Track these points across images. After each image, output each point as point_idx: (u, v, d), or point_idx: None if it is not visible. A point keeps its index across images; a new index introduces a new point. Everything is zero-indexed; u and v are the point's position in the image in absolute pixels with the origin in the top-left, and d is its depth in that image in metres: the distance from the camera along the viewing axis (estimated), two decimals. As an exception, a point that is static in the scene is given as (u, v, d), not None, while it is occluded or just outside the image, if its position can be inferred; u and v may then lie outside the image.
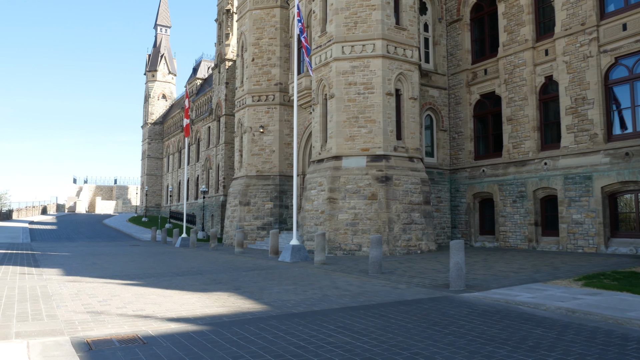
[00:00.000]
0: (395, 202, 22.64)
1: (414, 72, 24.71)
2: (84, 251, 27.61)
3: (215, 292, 11.93)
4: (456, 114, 28.58)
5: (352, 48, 23.89)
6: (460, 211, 27.56)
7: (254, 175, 32.64)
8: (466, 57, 28.39)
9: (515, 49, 25.21)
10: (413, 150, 24.26)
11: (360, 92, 23.53)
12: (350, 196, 22.69)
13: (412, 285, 12.85)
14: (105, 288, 12.67)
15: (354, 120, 23.47)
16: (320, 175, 23.96)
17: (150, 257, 23.46)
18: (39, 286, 12.95)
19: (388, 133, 23.40)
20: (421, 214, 23.28)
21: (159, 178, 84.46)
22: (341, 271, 16.31)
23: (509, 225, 24.59)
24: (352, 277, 14.79)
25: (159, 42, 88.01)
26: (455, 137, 28.53)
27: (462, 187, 27.61)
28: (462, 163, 28.02)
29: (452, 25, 29.31)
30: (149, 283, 13.68)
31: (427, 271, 15.91)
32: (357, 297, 11.11)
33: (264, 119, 32.77)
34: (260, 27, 33.49)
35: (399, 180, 22.99)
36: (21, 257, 23.16)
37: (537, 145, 24.07)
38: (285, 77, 33.05)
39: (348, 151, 23.41)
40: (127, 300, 10.73)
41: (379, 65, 23.53)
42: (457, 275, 12.40)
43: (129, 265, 19.40)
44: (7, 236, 41.76)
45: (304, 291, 12.03)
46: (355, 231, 22.30)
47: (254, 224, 31.83)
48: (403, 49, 24.38)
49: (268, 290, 12.18)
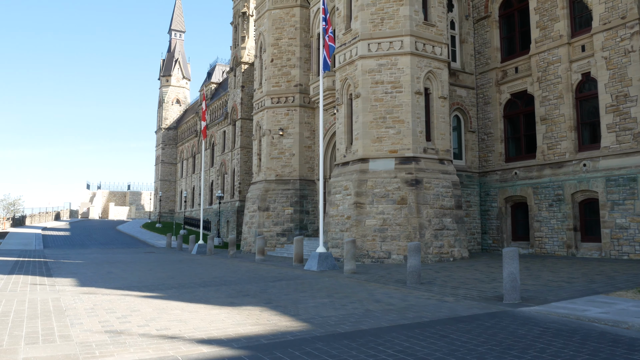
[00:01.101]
0: (426, 206, 21.41)
1: (444, 70, 23.50)
2: (98, 259, 26.61)
3: (245, 307, 10.78)
4: (485, 114, 27.31)
5: (378, 45, 22.75)
6: (491, 216, 26.23)
7: (273, 179, 31.53)
8: (495, 55, 27.13)
9: (549, 45, 23.94)
10: (443, 152, 23.03)
11: (387, 91, 22.36)
12: (378, 200, 21.49)
13: (459, 298, 11.63)
14: (124, 301, 11.57)
15: (381, 121, 22.29)
16: (345, 179, 22.80)
17: (168, 265, 22.38)
18: (51, 299, 11.87)
19: (417, 134, 22.20)
20: (453, 219, 22.03)
21: (173, 184, 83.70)
22: (375, 281, 15.11)
23: (545, 231, 23.25)
24: (390, 288, 13.58)
25: (173, 47, 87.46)
26: (485, 139, 27.25)
27: (493, 191, 26.30)
28: (492, 165, 26.73)
29: (479, 22, 28.08)
30: (170, 295, 12.56)
31: (469, 281, 14.68)
32: (404, 313, 9.91)
33: (283, 121, 31.67)
34: (280, 27, 32.46)
35: (430, 184, 21.77)
36: (33, 265, 22.19)
37: (574, 146, 22.75)
38: (306, 78, 31.95)
39: (375, 153, 22.23)
40: (148, 317, 9.61)
41: (407, 63, 22.36)
42: (511, 287, 11.17)
43: (146, 274, 18.33)
44: (20, 243, 40.97)
45: (343, 305, 10.85)
46: (383, 238, 21.09)
47: (274, 230, 30.69)
48: (432, 46, 23.20)
49: (303, 304, 11.01)
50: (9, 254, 29.38)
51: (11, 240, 43.62)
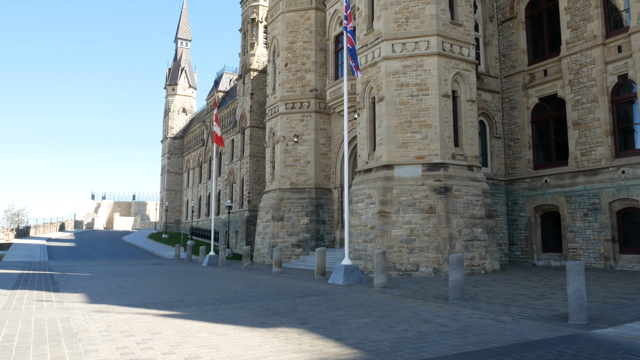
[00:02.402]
0: (456, 215, 20.13)
1: (471, 72, 22.31)
2: (106, 271, 25.37)
3: (279, 328, 9.52)
4: (511, 120, 26.07)
5: (403, 46, 21.58)
6: (519, 226, 24.91)
7: (287, 188, 30.29)
8: (522, 58, 25.93)
9: (582, 46, 22.73)
10: (472, 158, 21.78)
11: (413, 94, 21.16)
12: (405, 209, 20.23)
13: (516, 317, 10.35)
14: (141, 321, 10.31)
15: (406, 125, 21.07)
16: (368, 187, 21.55)
17: (181, 278, 21.12)
18: (60, 319, 10.63)
19: (445, 139, 20.96)
20: (484, 229, 20.73)
21: (179, 193, 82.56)
22: (412, 297, 13.83)
23: (579, 242, 21.91)
24: (432, 305, 12.29)
25: (179, 56, 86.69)
26: (511, 145, 25.98)
27: (521, 200, 24.99)
28: (519, 173, 25.44)
29: (504, 24, 26.91)
30: (192, 314, 11.30)
31: (516, 297, 13.38)
32: (464, 336, 8.63)
33: (298, 127, 30.49)
34: (294, 31, 31.35)
35: (459, 192, 20.50)
36: (38, 278, 20.96)
37: (610, 152, 21.47)
38: (321, 82, 30.80)
39: (400, 159, 20.99)
40: (173, 341, 8.36)
41: (434, 64, 21.17)
42: (577, 306, 9.89)
43: (160, 289, 17.06)
44: (24, 254, 39.77)
45: (390, 327, 9.58)
46: (411, 249, 19.80)
47: (289, 241, 29.40)
48: (459, 46, 22.02)
49: (344, 325, 9.74)
50: (13, 267, 28.18)
51: (15, 251, 42.43)
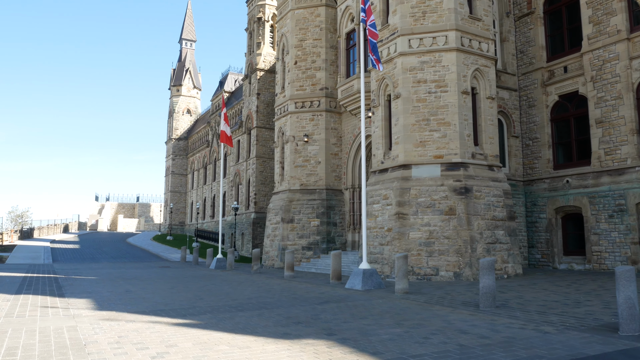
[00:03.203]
0: (477, 217, 19.32)
1: (491, 68, 21.52)
2: (112, 274, 24.62)
3: (306, 340, 8.73)
4: (530, 118, 25.25)
5: (420, 41, 20.79)
6: (539, 228, 24.07)
7: (297, 189, 29.51)
8: (540, 54, 25.12)
9: (605, 41, 21.92)
10: (492, 158, 20.97)
11: (431, 91, 20.37)
12: (423, 211, 19.42)
13: (560, 327, 9.55)
14: (154, 331, 9.54)
15: (424, 123, 20.28)
16: (384, 187, 20.76)
17: (190, 282, 20.34)
18: (67, 328, 9.86)
19: (465, 137, 20.16)
20: (505, 232, 19.91)
21: (183, 195, 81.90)
22: (438, 304, 13.03)
23: (604, 245, 21.08)
24: (463, 313, 11.48)
25: (183, 57, 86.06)
26: (530, 144, 25.16)
27: (541, 201, 24.16)
28: (538, 173, 24.62)
29: (521, 19, 26.11)
30: (207, 323, 10.52)
31: (550, 304, 12.57)
32: (511, 350, 7.83)
33: (308, 127, 29.72)
34: (304, 28, 30.61)
35: (480, 192, 19.69)
36: (42, 282, 20.22)
37: (637, 151, 20.64)
38: (332, 81, 30.03)
39: (418, 159, 20.19)
40: (191, 355, 7.58)
41: (452, 59, 20.38)
42: (629, 316, 9.10)
43: (170, 294, 16.29)
44: (28, 256, 39.06)
45: (425, 338, 8.78)
46: (430, 252, 18.99)
47: (299, 243, 28.61)
48: (478, 41, 21.23)
49: (374, 336, 8.95)
50: (17, 269, 27.45)
51: (19, 253, 41.74)
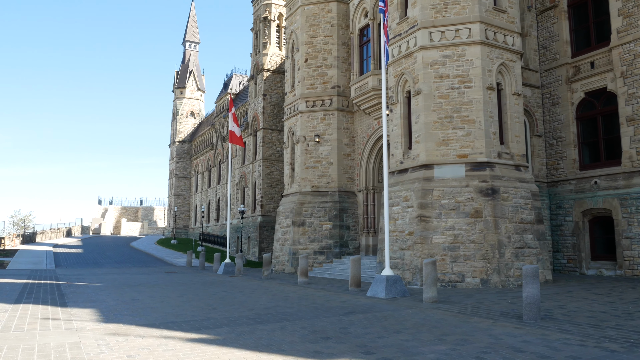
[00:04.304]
0: (504, 220, 18.18)
1: (516, 62, 20.41)
2: (117, 280, 23.51)
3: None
4: (553, 116, 24.13)
5: (442, 34, 19.70)
6: (565, 232, 22.92)
7: (308, 191, 28.40)
8: (564, 50, 24.01)
9: (636, 34, 20.81)
10: (519, 157, 19.84)
11: (454, 87, 19.27)
12: (447, 213, 18.30)
13: (624, 344, 8.43)
14: (167, 349, 8.43)
15: (447, 121, 19.18)
16: (404, 188, 19.64)
17: (200, 289, 19.22)
18: (69, 345, 8.76)
19: (490, 135, 19.05)
20: (534, 236, 18.76)
21: (187, 198, 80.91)
22: (474, 314, 11.88)
23: (637, 249, 19.92)
24: (507, 326, 10.33)
25: (187, 59, 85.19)
26: (554, 144, 24.03)
27: (566, 203, 23.01)
28: (563, 174, 23.48)
29: (544, 13, 25.01)
30: (226, 338, 9.40)
31: (598, 315, 11.42)
32: (586, 374, 6.71)
33: (319, 126, 28.62)
34: (314, 24, 29.54)
35: (507, 194, 18.56)
36: (44, 289, 19.13)
37: (671, 150, 19.53)
38: (344, 79, 28.94)
39: (441, 158, 19.08)
40: (214, 382, 6.47)
41: (477, 53, 19.29)
42: None
43: (179, 302, 15.16)
44: (30, 261, 37.99)
45: (478, 358, 7.66)
46: (455, 257, 17.85)
47: (310, 248, 27.47)
48: (503, 34, 20.14)
49: (419, 355, 7.83)
50: (18, 275, 26.37)
51: (21, 258, 40.68)
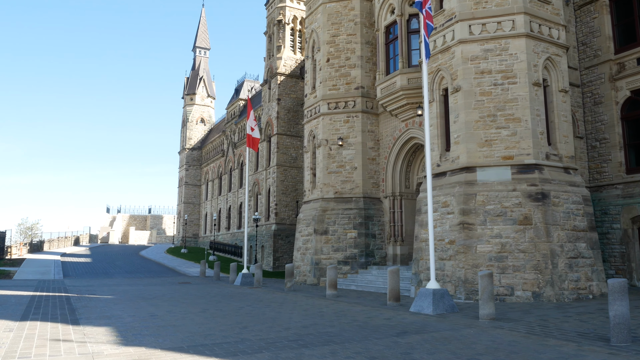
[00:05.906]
0: (556, 227, 16.61)
1: (562, 57, 18.91)
2: (129, 292, 22.05)
3: (428, 402, 6.08)
4: (596, 117, 22.57)
5: (482, 27, 18.23)
6: (612, 240, 21.29)
7: (331, 197, 26.87)
8: (607, 46, 22.48)
9: (689, 27, 19.28)
10: (568, 159, 18.28)
11: (497, 83, 17.77)
12: (493, 220, 16.74)
13: None
14: (205, 383, 6.92)
15: (489, 120, 17.66)
16: (443, 193, 18.10)
17: (222, 303, 17.70)
18: (86, 378, 7.27)
19: (538, 135, 17.51)
20: (587, 244, 17.17)
21: (197, 206, 79.58)
22: (547, 335, 10.30)
23: (697, 259, 18.30)
24: (597, 351, 8.76)
25: (197, 65, 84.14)
26: (596, 146, 22.46)
27: (613, 209, 21.40)
28: (608, 178, 21.89)
29: (583, 8, 23.50)
30: (271, 368, 7.89)
31: (696, 338, 9.85)
32: None
33: (342, 129, 27.14)
34: (336, 23, 28.15)
35: (558, 199, 16.99)
36: (53, 303, 17.67)
37: None
38: (368, 79, 27.48)
39: (484, 160, 17.55)
40: None
41: (521, 47, 17.79)
42: None
43: (203, 319, 13.64)
44: (37, 271, 36.59)
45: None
46: (503, 268, 16.28)
47: (334, 257, 25.90)
48: (548, 27, 18.65)
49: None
50: (25, 286, 24.94)
51: (28, 268, 39.30)
